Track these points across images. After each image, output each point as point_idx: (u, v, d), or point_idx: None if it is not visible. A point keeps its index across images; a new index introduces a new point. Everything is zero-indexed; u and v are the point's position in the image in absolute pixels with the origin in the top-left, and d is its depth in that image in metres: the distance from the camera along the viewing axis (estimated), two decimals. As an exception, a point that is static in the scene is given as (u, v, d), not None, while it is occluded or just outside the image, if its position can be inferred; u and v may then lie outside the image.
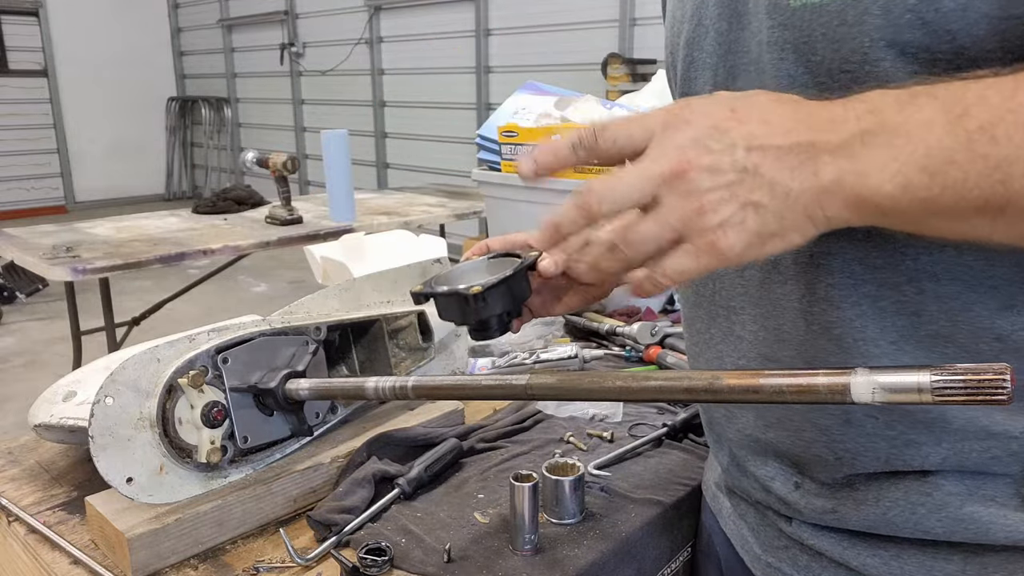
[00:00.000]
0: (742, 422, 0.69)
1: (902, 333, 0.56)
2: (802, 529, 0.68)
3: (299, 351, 0.86)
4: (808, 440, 0.63)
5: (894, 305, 0.56)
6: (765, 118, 0.49)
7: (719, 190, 0.47)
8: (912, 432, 0.58)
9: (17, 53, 8.58)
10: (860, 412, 0.60)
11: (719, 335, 0.69)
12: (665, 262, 0.50)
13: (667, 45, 0.74)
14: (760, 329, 0.64)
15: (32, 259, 2.56)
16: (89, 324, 3.16)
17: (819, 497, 0.65)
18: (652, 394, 0.59)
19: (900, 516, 0.61)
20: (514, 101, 1.85)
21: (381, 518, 0.80)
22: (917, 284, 0.55)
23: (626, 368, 1.23)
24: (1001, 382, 0.41)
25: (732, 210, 0.47)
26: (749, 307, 0.65)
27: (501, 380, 0.69)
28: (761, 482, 0.70)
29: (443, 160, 6.48)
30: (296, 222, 3.02)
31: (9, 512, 0.84)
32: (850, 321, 0.58)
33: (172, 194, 9.78)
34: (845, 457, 0.62)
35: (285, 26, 8.02)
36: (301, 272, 5.69)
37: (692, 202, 0.48)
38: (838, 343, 0.59)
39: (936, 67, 0.49)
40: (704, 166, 0.48)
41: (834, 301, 0.58)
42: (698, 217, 0.48)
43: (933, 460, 0.58)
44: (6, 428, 3.56)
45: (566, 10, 5.38)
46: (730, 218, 0.48)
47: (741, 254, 0.49)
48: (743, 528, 0.76)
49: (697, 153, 0.48)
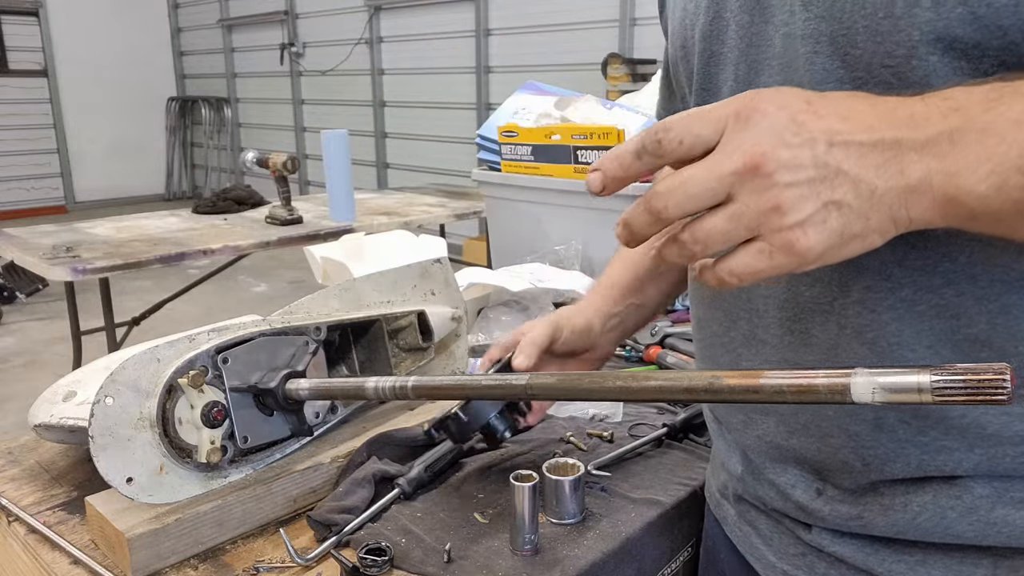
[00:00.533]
0: (762, 428, 0.67)
1: (939, 337, 0.55)
2: (822, 536, 0.66)
3: (299, 351, 0.86)
4: (835, 446, 0.61)
5: (932, 309, 0.55)
6: (843, 114, 0.46)
7: (799, 186, 0.44)
8: (945, 438, 0.57)
9: (17, 53, 8.57)
10: (893, 417, 0.58)
11: (739, 338, 0.67)
12: (734, 260, 0.46)
13: (675, 38, 0.71)
14: (786, 332, 0.62)
15: (32, 259, 2.56)
16: (89, 324, 3.16)
17: (843, 503, 0.64)
18: (652, 394, 0.59)
19: (929, 521, 0.59)
20: (514, 101, 1.85)
21: (381, 518, 0.80)
22: (956, 286, 0.54)
23: (626, 368, 1.23)
24: (1001, 382, 0.41)
25: (813, 208, 0.44)
26: (773, 309, 0.63)
27: (501, 380, 0.69)
28: (780, 489, 0.68)
29: (443, 160, 6.48)
30: (296, 222, 3.02)
31: (9, 512, 0.84)
32: (885, 325, 0.56)
33: (172, 194, 9.78)
34: (873, 463, 0.60)
35: (285, 26, 8.02)
36: (301, 272, 5.69)
37: (769, 199, 0.44)
38: (871, 347, 0.57)
39: (983, 63, 0.48)
40: (783, 161, 0.44)
41: (869, 304, 0.56)
42: (775, 215, 0.44)
43: (965, 466, 0.57)
44: (6, 428, 3.56)
45: (566, 10, 5.38)
46: (811, 217, 0.44)
47: (821, 256, 0.45)
48: (752, 535, 0.74)
49: (774, 146, 0.44)
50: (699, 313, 0.74)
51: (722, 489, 0.81)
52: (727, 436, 0.76)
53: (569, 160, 1.57)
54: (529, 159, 1.65)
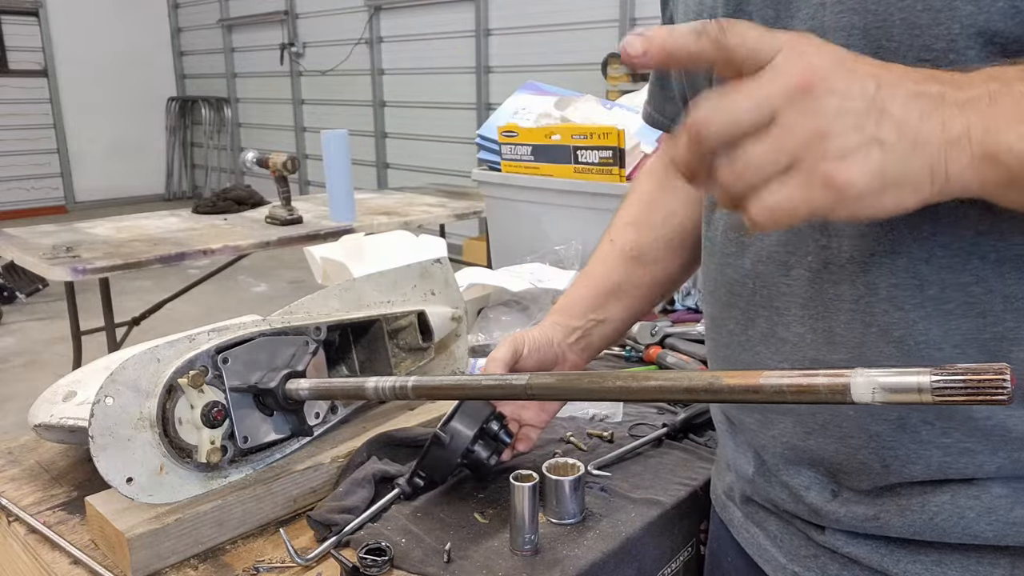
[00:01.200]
0: (779, 428, 0.66)
1: (966, 335, 0.54)
2: (836, 537, 0.66)
3: (299, 351, 0.86)
4: (854, 447, 0.61)
5: (960, 307, 0.54)
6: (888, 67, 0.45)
7: (847, 116, 0.42)
8: (969, 440, 0.56)
9: (17, 53, 8.57)
10: (916, 418, 0.57)
11: (758, 337, 0.66)
12: (769, 194, 0.43)
13: None
14: (808, 331, 0.61)
15: (32, 259, 2.56)
16: (89, 324, 3.16)
17: (859, 505, 0.63)
18: (652, 394, 0.59)
19: (948, 521, 0.59)
20: (514, 101, 1.85)
21: (381, 518, 0.80)
22: (985, 284, 0.53)
23: (626, 368, 1.23)
24: (1001, 382, 0.41)
25: (858, 141, 0.42)
26: (796, 307, 0.62)
27: (501, 380, 0.69)
28: (793, 491, 0.67)
29: (443, 160, 6.48)
30: (296, 222, 3.02)
31: (9, 512, 0.84)
32: (913, 323, 0.55)
33: (172, 194, 9.78)
34: (893, 465, 0.59)
35: (285, 26, 8.02)
36: (301, 272, 5.69)
37: (816, 123, 0.42)
38: (898, 346, 0.56)
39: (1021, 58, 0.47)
40: (835, 86, 0.42)
41: (897, 302, 0.56)
42: (819, 141, 0.42)
43: (987, 469, 0.57)
44: (6, 428, 3.56)
45: (566, 10, 5.37)
46: (855, 149, 0.42)
47: (859, 196, 0.42)
48: (760, 537, 0.74)
49: (829, 70, 0.42)
50: (714, 312, 0.72)
51: (728, 491, 0.80)
52: (739, 437, 0.75)
53: (569, 160, 1.57)
54: (529, 159, 1.65)
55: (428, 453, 0.81)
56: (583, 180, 1.55)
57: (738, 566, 0.78)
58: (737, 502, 0.78)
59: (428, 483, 0.83)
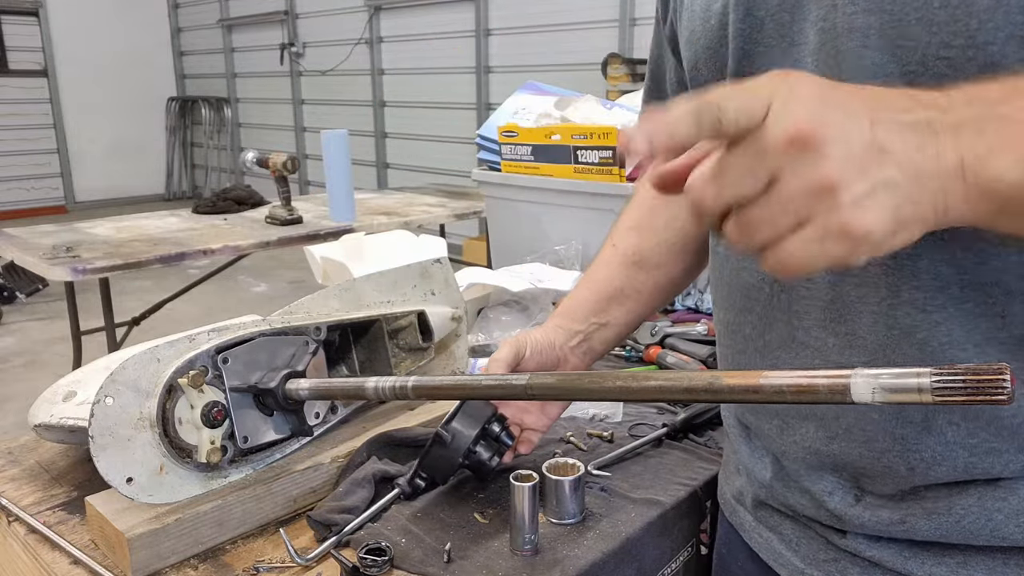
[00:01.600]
0: (800, 433, 0.66)
1: (987, 336, 0.54)
2: (858, 541, 0.65)
3: (299, 351, 0.86)
4: (879, 450, 0.60)
5: (980, 308, 0.54)
6: (873, 96, 0.43)
7: (849, 162, 0.40)
8: (995, 440, 0.56)
9: (17, 53, 8.57)
10: (942, 419, 0.57)
11: (776, 341, 0.65)
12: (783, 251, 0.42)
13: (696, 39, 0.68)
14: (829, 335, 0.61)
15: (32, 259, 2.56)
16: (89, 324, 3.15)
17: (883, 508, 0.63)
18: (652, 394, 0.59)
19: (975, 523, 0.59)
20: (514, 101, 1.85)
21: (381, 518, 0.80)
22: (1004, 285, 0.53)
23: (626, 368, 1.23)
24: (1001, 382, 0.41)
25: (866, 187, 0.40)
26: (816, 311, 0.61)
27: (501, 380, 0.69)
28: (814, 497, 0.67)
29: (443, 160, 6.48)
30: (296, 222, 3.02)
31: (9, 512, 0.84)
32: (936, 325, 0.55)
33: (172, 194, 9.78)
34: (919, 467, 0.59)
35: (285, 26, 8.02)
36: (301, 272, 5.69)
37: (819, 174, 0.40)
38: (921, 348, 0.56)
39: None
40: (829, 134, 0.40)
41: (919, 304, 0.56)
42: (828, 194, 0.40)
43: (1013, 468, 0.57)
44: (6, 428, 3.56)
45: (566, 10, 5.37)
46: (865, 195, 0.40)
47: (878, 242, 0.41)
48: (774, 541, 0.74)
49: (821, 117, 0.40)
50: (728, 318, 0.71)
51: (737, 495, 0.80)
52: (754, 442, 0.75)
53: (569, 160, 1.57)
54: (529, 159, 1.65)
55: (429, 452, 0.81)
56: (583, 180, 1.55)
57: (749, 570, 0.77)
58: (748, 506, 0.78)
59: (429, 483, 0.83)
